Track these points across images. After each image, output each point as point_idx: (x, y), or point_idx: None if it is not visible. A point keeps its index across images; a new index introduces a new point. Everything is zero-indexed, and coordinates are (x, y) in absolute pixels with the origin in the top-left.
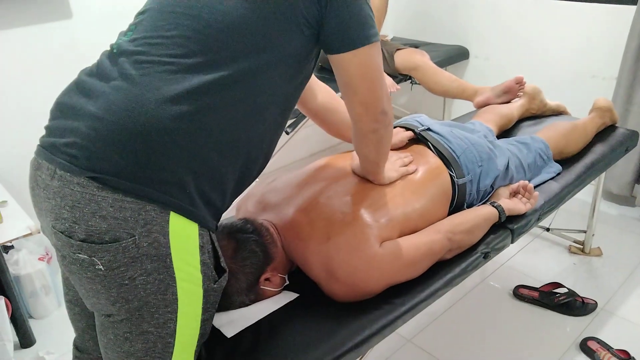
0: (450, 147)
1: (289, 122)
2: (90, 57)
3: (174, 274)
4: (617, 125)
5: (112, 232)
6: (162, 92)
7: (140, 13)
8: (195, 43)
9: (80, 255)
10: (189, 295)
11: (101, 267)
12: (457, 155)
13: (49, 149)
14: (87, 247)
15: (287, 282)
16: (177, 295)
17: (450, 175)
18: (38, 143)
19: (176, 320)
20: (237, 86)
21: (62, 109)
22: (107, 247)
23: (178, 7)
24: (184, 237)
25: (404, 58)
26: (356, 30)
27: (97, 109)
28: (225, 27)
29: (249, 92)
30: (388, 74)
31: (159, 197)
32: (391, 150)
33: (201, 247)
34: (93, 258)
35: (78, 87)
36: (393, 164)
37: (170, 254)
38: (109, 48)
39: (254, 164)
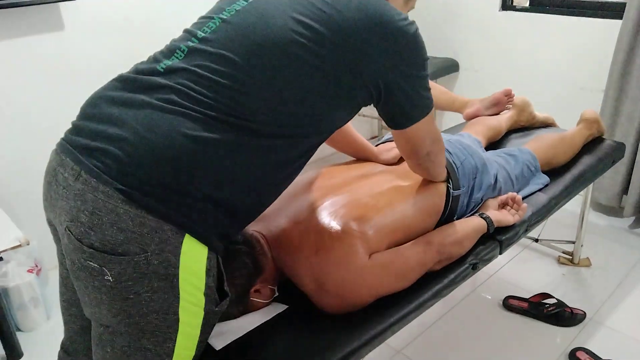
0: (449, 157)
1: None
2: (82, 68)
3: (179, 294)
4: (604, 137)
5: (127, 245)
6: (194, 130)
7: (190, 40)
8: (246, 102)
9: (90, 263)
10: (190, 317)
11: (110, 278)
12: (456, 166)
13: (77, 149)
14: (100, 256)
15: (277, 294)
16: (178, 315)
17: (447, 186)
18: (62, 137)
19: (175, 340)
20: (277, 140)
21: (98, 111)
22: (119, 259)
23: (236, 55)
24: (193, 259)
25: None
26: (403, 115)
27: (138, 125)
28: (291, 107)
29: (287, 152)
30: None
31: (178, 219)
32: (386, 165)
33: (208, 271)
34: (103, 268)
35: (115, 92)
36: None
37: (178, 274)
38: (147, 61)
39: (268, 200)
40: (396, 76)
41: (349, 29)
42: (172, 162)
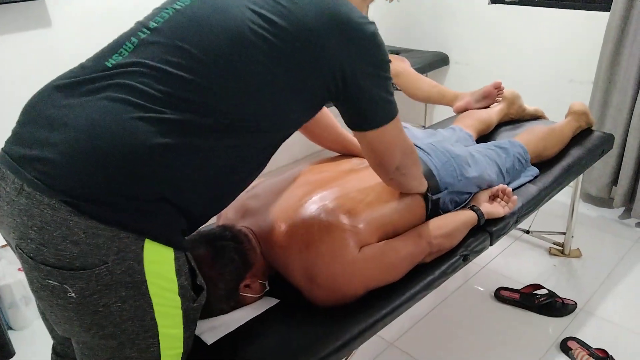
0: (431, 162)
1: None
2: (70, 65)
3: (151, 300)
4: (593, 128)
5: (84, 258)
6: (148, 127)
7: (140, 31)
8: (199, 96)
9: (50, 281)
10: (169, 318)
11: (73, 294)
12: (437, 170)
13: (16, 159)
14: (58, 273)
15: (267, 288)
16: (155, 320)
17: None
18: (2, 147)
19: (158, 344)
20: (233, 138)
21: (35, 116)
22: (79, 274)
23: (191, 46)
24: (159, 263)
25: None
26: (361, 115)
27: (79, 127)
28: (242, 92)
29: (243, 145)
30: None
31: (134, 225)
32: None
33: (178, 271)
34: (64, 285)
35: (55, 94)
36: None
37: (145, 280)
38: (93, 57)
39: (228, 198)
40: (354, 72)
41: (308, 24)
42: (123, 166)
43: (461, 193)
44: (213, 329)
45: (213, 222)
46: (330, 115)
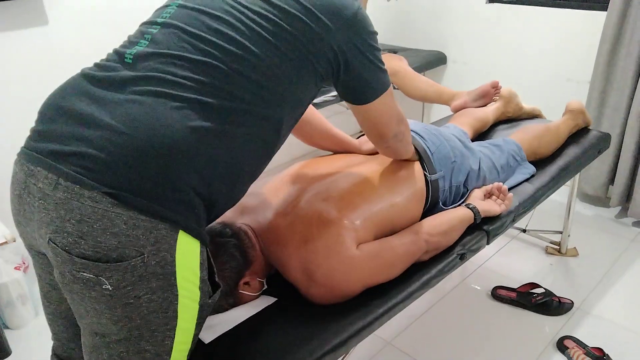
0: (424, 143)
1: None
2: (67, 63)
3: (177, 291)
4: (590, 127)
5: (122, 250)
6: (179, 117)
7: (155, 23)
8: (220, 80)
9: (84, 274)
10: (187, 312)
11: (109, 286)
12: (430, 152)
13: (48, 156)
14: (94, 265)
15: (266, 287)
16: (177, 312)
17: (424, 173)
18: (24, 147)
19: (174, 337)
20: (250, 122)
21: (63, 113)
22: (115, 266)
23: (205, 32)
24: (188, 255)
25: None
26: (363, 91)
27: (116, 122)
28: (253, 77)
29: (266, 134)
30: None
31: (171, 216)
32: (366, 155)
33: (201, 264)
34: (100, 277)
35: (81, 91)
36: None
37: (175, 272)
38: (112, 52)
39: (243, 189)
40: (352, 49)
41: (303, 6)
42: (159, 156)
43: (460, 178)
44: (211, 328)
45: None
46: (320, 114)
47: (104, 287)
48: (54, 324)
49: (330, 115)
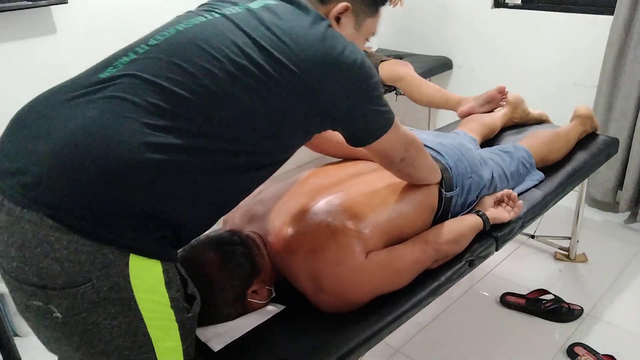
0: (444, 160)
1: None
2: (74, 71)
3: (141, 315)
4: (598, 132)
5: (67, 276)
6: (140, 138)
7: (139, 47)
8: (196, 115)
9: (34, 302)
10: (164, 332)
11: (59, 315)
12: (450, 167)
13: None
14: (42, 293)
15: (274, 294)
16: (149, 335)
17: (439, 189)
18: None
19: (155, 358)
20: (222, 160)
21: (21, 128)
22: (63, 293)
23: (189, 65)
24: (147, 277)
25: (388, 69)
26: (364, 134)
27: (64, 138)
28: (234, 119)
29: (233, 167)
30: None
31: (118, 239)
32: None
33: (167, 283)
34: (49, 306)
35: (45, 106)
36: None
37: (133, 296)
38: (88, 70)
39: (216, 214)
40: (347, 106)
41: (301, 61)
42: (107, 180)
43: (473, 193)
44: (219, 336)
45: (219, 226)
46: None
47: (54, 315)
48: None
49: None
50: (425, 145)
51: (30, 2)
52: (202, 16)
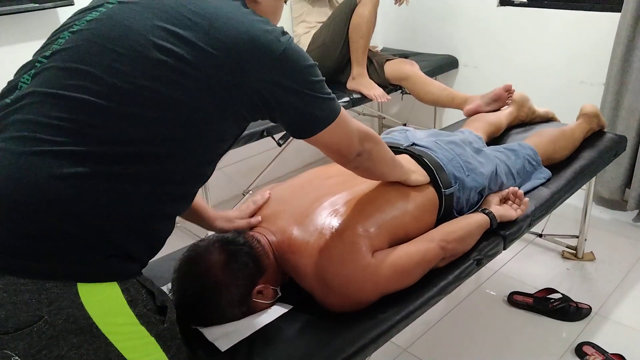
0: (436, 157)
1: (280, 134)
2: None
3: (108, 339)
4: (605, 130)
5: (15, 318)
6: (54, 166)
7: (38, 61)
8: (107, 119)
9: None
10: (140, 349)
11: (17, 358)
12: (444, 164)
13: None
14: None
15: (280, 294)
16: (123, 356)
17: (437, 186)
18: None
19: None
20: (145, 165)
21: None
22: (17, 336)
23: (91, 67)
24: (104, 302)
25: (393, 68)
26: (300, 127)
27: None
28: (150, 117)
29: (162, 171)
30: (378, 84)
31: (58, 271)
32: None
33: (131, 302)
34: (5, 351)
35: None
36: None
37: (94, 323)
38: (5, 90)
39: (164, 227)
40: (276, 91)
41: (219, 43)
42: (27, 209)
43: (473, 191)
44: (226, 336)
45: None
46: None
47: (13, 358)
48: None
49: None
50: (418, 144)
51: (37, 5)
52: (96, 10)
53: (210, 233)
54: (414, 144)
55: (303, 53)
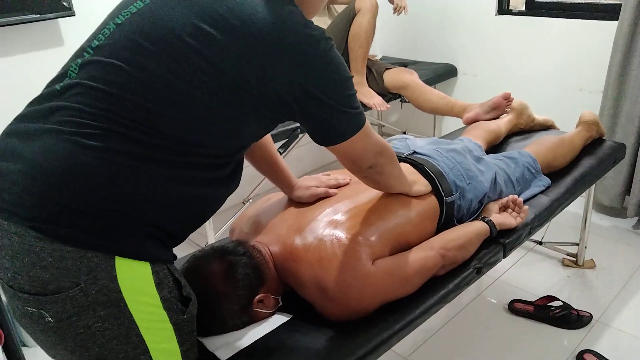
0: (438, 165)
1: (281, 142)
2: None
3: (132, 316)
4: (604, 138)
5: (56, 282)
6: (101, 144)
7: (85, 51)
8: (145, 116)
9: (28, 308)
10: (158, 333)
11: (50, 319)
12: (445, 172)
13: None
14: (34, 299)
15: (281, 304)
16: (142, 336)
17: (438, 193)
18: None
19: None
20: (182, 158)
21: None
22: (53, 299)
23: (127, 64)
24: (135, 279)
25: (393, 77)
26: (328, 135)
27: (34, 154)
28: (185, 116)
29: (196, 165)
30: (378, 93)
31: (100, 243)
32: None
33: (158, 284)
34: (41, 311)
35: (15, 126)
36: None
37: (122, 298)
38: (47, 85)
39: (208, 211)
40: (307, 96)
41: (252, 41)
42: (75, 184)
43: (474, 199)
44: (227, 345)
45: (227, 236)
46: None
47: (46, 320)
48: None
49: None
50: (419, 153)
51: (38, 15)
52: (141, 0)
53: (210, 242)
54: (415, 152)
55: (341, 63)
